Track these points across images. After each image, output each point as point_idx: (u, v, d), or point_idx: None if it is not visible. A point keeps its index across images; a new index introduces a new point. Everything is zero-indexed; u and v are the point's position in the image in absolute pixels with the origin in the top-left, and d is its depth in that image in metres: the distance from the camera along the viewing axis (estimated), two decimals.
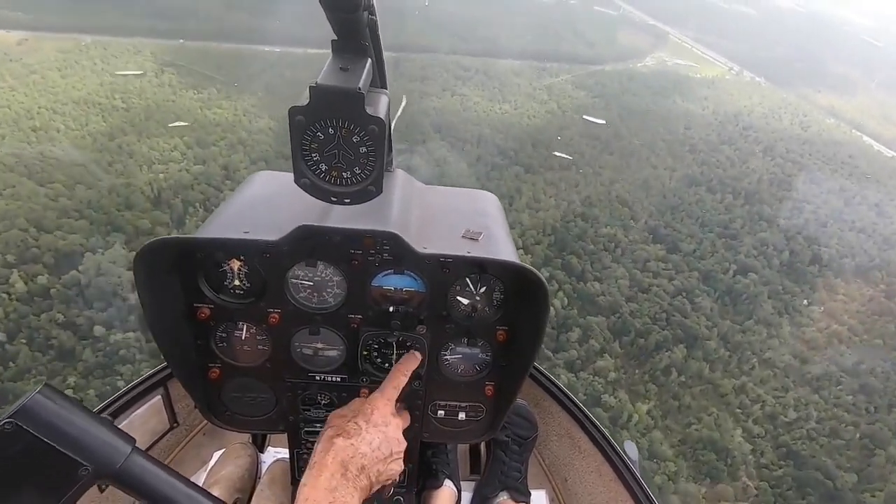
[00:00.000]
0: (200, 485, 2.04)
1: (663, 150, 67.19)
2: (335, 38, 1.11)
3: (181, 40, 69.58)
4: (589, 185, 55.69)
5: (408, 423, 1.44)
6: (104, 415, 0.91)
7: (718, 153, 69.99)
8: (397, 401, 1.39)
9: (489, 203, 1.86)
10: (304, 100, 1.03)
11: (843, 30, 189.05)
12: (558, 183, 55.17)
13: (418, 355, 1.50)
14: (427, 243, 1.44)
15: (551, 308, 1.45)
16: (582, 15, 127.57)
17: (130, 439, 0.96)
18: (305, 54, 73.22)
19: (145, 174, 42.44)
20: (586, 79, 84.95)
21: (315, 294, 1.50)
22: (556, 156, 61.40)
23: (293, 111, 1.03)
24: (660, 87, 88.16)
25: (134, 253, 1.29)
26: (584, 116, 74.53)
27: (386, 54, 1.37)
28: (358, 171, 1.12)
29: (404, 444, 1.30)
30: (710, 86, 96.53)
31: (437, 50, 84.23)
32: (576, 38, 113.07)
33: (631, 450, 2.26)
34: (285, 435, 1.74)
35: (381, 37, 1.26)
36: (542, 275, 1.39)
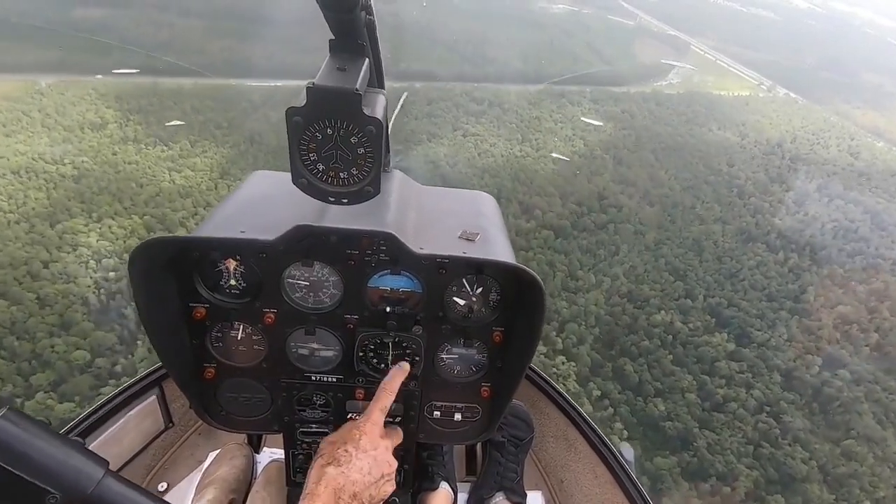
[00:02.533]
0: (195, 485, 1.92)
1: (709, 196, 58.30)
2: (332, 37, 1.10)
3: (110, 73, 60.59)
4: (632, 252, 46.86)
5: (399, 440, 1.41)
6: (98, 415, 0.89)
7: (770, 195, 61.08)
8: (394, 404, 1.39)
9: (486, 204, 1.83)
10: (301, 100, 1.02)
11: (865, 32, 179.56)
12: (596, 250, 46.38)
13: (406, 367, 1.44)
14: (424, 244, 1.44)
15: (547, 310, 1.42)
16: (596, 26, 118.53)
17: (103, 462, 0.90)
18: (300, 89, 64.35)
19: (91, 274, 33.81)
20: (611, 105, 76.07)
21: (311, 294, 1.48)
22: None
23: (290, 111, 1.03)
24: (692, 113, 79.20)
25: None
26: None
27: (388, 84, 1.38)
28: (355, 172, 1.12)
29: (395, 464, 1.30)
30: (745, 107, 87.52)
31: (442, 77, 75.36)
32: (592, 53, 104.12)
33: (627, 452, 2.20)
34: (281, 435, 1.70)
35: (378, 37, 1.25)
36: (538, 274, 1.35)
